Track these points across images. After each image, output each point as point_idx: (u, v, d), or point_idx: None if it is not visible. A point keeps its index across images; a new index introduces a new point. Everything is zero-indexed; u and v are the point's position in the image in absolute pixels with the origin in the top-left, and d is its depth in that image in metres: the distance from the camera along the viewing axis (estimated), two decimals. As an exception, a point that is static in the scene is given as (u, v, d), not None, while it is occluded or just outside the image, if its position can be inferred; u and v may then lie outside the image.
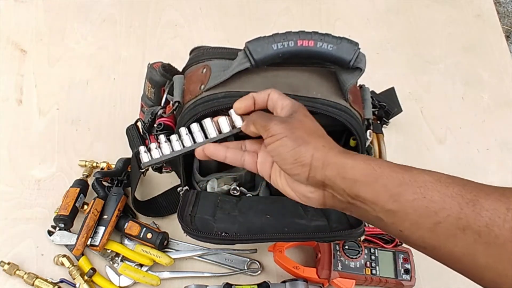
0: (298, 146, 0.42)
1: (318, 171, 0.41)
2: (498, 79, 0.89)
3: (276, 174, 0.47)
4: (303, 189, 0.44)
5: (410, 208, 0.37)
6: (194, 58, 0.58)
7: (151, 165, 0.54)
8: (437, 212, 0.36)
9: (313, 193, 0.43)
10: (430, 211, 0.36)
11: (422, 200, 0.37)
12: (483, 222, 0.34)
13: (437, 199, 0.36)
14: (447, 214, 0.36)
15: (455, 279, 0.69)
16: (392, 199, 0.38)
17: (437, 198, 0.36)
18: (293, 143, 0.42)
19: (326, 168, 0.41)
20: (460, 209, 0.35)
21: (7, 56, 0.85)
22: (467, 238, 0.35)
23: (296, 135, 0.42)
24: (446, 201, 0.36)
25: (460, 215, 0.35)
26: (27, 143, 0.76)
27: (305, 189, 0.44)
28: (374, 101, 0.69)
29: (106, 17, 0.90)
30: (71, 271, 0.64)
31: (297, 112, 0.45)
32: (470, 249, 0.35)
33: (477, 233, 0.34)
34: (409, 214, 0.37)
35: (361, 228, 0.56)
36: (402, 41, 0.92)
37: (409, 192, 0.38)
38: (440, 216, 0.36)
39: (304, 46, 0.48)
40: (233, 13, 0.93)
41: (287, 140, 0.42)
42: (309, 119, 0.46)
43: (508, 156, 0.81)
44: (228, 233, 0.56)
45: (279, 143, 0.42)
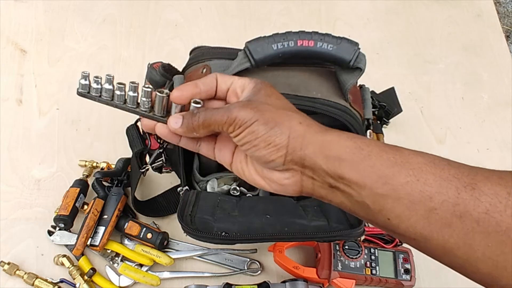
0: (271, 128, 0.36)
1: (297, 152, 0.36)
2: (498, 79, 0.89)
3: (240, 162, 0.42)
4: (277, 176, 0.39)
5: (402, 191, 0.33)
6: (194, 58, 0.58)
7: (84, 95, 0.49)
8: (432, 197, 0.33)
9: (289, 179, 0.38)
10: (424, 195, 0.33)
11: (416, 183, 0.33)
12: (483, 208, 0.31)
13: (432, 182, 0.33)
14: (443, 200, 0.32)
15: (455, 279, 0.69)
16: (381, 181, 0.34)
17: (432, 181, 0.33)
18: (265, 127, 0.36)
19: (306, 147, 0.36)
20: (458, 194, 0.32)
21: (7, 56, 0.85)
22: (464, 227, 0.32)
23: (266, 117, 0.37)
24: (442, 184, 0.33)
25: (457, 201, 0.32)
26: (27, 143, 0.76)
27: (279, 176, 0.39)
28: (374, 101, 0.69)
29: (106, 17, 0.90)
30: (71, 271, 0.64)
31: (260, 90, 0.40)
32: (467, 239, 0.32)
33: (475, 220, 0.31)
34: (401, 199, 0.33)
35: (361, 228, 0.56)
36: (402, 41, 0.92)
37: (402, 174, 0.34)
38: (435, 202, 0.32)
39: (304, 46, 0.48)
40: (233, 13, 0.93)
41: (257, 124, 0.37)
42: (275, 96, 0.40)
43: (508, 156, 0.81)
44: (228, 233, 0.56)
45: (249, 130, 0.37)
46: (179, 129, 0.41)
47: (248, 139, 0.37)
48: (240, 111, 0.37)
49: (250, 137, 0.37)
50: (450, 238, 0.33)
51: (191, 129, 0.40)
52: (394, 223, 0.35)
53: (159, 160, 0.64)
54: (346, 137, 0.37)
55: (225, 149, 0.43)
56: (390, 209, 0.34)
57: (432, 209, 0.33)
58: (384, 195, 0.34)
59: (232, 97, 0.42)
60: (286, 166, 0.38)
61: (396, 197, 0.34)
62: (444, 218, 0.32)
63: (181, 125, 0.40)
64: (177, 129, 0.41)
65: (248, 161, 0.41)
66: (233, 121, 0.37)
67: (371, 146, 0.36)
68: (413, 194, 0.33)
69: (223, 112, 0.38)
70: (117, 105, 0.45)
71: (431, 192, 0.33)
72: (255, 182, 0.41)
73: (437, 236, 0.33)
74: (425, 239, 0.34)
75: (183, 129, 0.41)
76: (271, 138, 0.36)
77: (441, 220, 0.32)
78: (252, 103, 0.38)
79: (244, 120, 0.37)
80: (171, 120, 0.42)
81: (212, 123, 0.39)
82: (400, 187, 0.33)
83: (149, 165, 0.65)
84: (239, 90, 0.41)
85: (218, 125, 0.38)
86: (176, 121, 0.41)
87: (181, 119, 0.41)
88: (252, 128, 0.37)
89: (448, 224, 0.32)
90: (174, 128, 0.41)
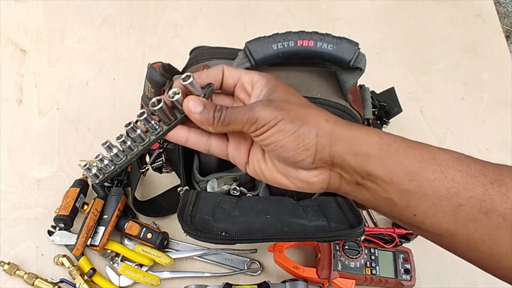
0: (299, 127, 0.35)
1: (326, 150, 0.36)
2: (498, 79, 0.89)
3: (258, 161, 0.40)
4: (304, 174, 0.38)
5: (429, 188, 0.33)
6: (194, 58, 0.58)
7: (104, 180, 0.47)
8: (459, 194, 0.33)
9: (317, 177, 0.38)
10: (451, 192, 0.33)
11: (443, 180, 0.33)
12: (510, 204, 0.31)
13: (459, 179, 0.33)
14: (470, 196, 0.32)
15: (455, 279, 0.69)
16: (408, 178, 0.34)
17: (459, 177, 0.33)
18: (292, 126, 0.35)
19: (335, 144, 0.35)
20: (484, 190, 0.32)
21: (7, 56, 0.85)
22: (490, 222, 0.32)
23: (292, 115, 0.36)
24: (469, 181, 0.33)
25: (484, 197, 0.32)
26: (27, 143, 0.76)
27: (306, 174, 0.38)
28: (374, 101, 0.69)
29: (106, 17, 0.90)
30: (71, 271, 0.64)
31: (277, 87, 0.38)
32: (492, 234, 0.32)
33: (502, 216, 0.31)
34: (428, 196, 0.33)
35: (361, 228, 0.56)
36: (402, 41, 0.92)
37: (429, 170, 0.34)
38: (462, 198, 0.33)
39: (304, 46, 0.48)
40: (233, 13, 0.93)
41: (283, 123, 0.35)
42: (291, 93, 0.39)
43: (508, 156, 0.81)
44: (228, 233, 0.56)
45: (275, 130, 0.35)
46: (195, 115, 0.38)
47: (274, 139, 0.36)
48: (263, 111, 0.36)
49: (276, 136, 0.36)
50: (475, 233, 0.33)
51: (209, 123, 0.38)
52: (419, 219, 0.35)
53: (159, 160, 0.64)
54: (373, 133, 0.36)
55: (240, 148, 0.41)
56: (417, 205, 0.34)
57: (459, 205, 0.33)
58: (411, 191, 0.34)
59: (240, 92, 0.40)
60: (315, 164, 0.37)
61: (423, 194, 0.34)
62: (470, 214, 0.33)
63: (200, 112, 0.38)
64: (193, 114, 0.38)
65: (268, 160, 0.40)
66: (255, 120, 0.36)
67: (397, 142, 0.36)
68: (440, 190, 0.33)
69: (244, 111, 0.36)
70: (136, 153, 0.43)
71: (458, 189, 0.33)
72: (277, 181, 0.40)
73: (463, 231, 0.33)
74: (450, 235, 0.34)
75: (201, 118, 0.38)
76: (300, 137, 0.35)
77: (468, 216, 0.33)
78: (273, 102, 0.37)
79: (268, 120, 0.35)
80: (191, 101, 0.38)
81: (232, 122, 0.37)
82: (428, 183, 0.34)
83: (149, 165, 0.65)
84: (248, 86, 0.39)
85: (239, 124, 0.37)
86: (195, 105, 0.38)
87: (201, 106, 0.38)
88: (278, 127, 0.35)
89: (474, 220, 0.32)
90: (191, 110, 0.38)
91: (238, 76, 0.40)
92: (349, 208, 0.59)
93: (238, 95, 0.40)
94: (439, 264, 0.70)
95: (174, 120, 0.40)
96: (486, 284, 0.68)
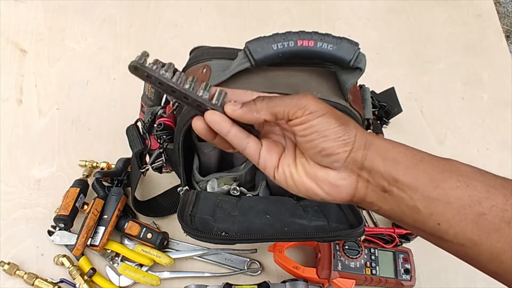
0: (341, 124, 0.38)
1: (360, 151, 0.38)
2: (498, 79, 0.89)
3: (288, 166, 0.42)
4: (332, 176, 0.39)
5: (452, 195, 0.35)
6: (194, 58, 0.58)
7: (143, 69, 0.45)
8: (481, 202, 0.34)
9: (345, 180, 0.39)
10: (473, 200, 0.34)
11: (466, 189, 0.35)
12: None
13: (481, 188, 0.34)
14: (492, 205, 0.34)
15: (455, 279, 0.69)
16: (433, 185, 0.36)
17: (481, 187, 0.34)
18: (336, 121, 0.38)
19: (368, 147, 0.38)
20: (506, 200, 0.33)
21: (7, 56, 0.85)
22: None
23: (337, 114, 0.39)
24: (490, 191, 0.34)
25: (505, 207, 0.33)
26: (27, 143, 0.76)
27: (334, 175, 0.39)
28: (374, 101, 0.69)
29: (106, 17, 0.90)
30: (71, 271, 0.64)
31: None
32: None
33: None
34: (451, 203, 0.35)
35: (361, 228, 0.56)
36: (402, 41, 0.92)
37: (453, 179, 0.35)
38: (484, 207, 0.34)
39: (304, 46, 0.48)
40: (233, 13, 0.93)
41: (329, 116, 0.38)
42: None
43: (508, 156, 0.81)
44: (228, 233, 0.56)
45: (322, 120, 0.37)
46: (238, 110, 0.39)
47: (319, 128, 0.38)
48: (312, 100, 0.38)
49: (321, 126, 0.38)
50: (497, 243, 0.34)
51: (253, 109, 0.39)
52: (443, 228, 0.36)
53: (159, 160, 0.64)
54: (400, 144, 0.39)
55: (272, 152, 0.42)
56: (441, 213, 0.35)
57: (481, 214, 0.34)
58: (435, 198, 0.35)
59: None
60: (346, 163, 0.38)
61: (447, 201, 0.35)
62: (493, 223, 0.34)
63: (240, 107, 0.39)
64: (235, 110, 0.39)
65: (298, 164, 0.41)
66: (303, 106, 0.38)
67: (422, 154, 0.38)
68: (463, 198, 0.35)
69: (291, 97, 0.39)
70: (176, 86, 0.41)
71: (480, 197, 0.34)
72: (305, 186, 0.41)
73: (486, 241, 0.34)
74: (473, 245, 0.35)
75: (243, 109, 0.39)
76: (341, 132, 0.38)
77: (490, 225, 0.34)
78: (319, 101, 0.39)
79: (316, 109, 0.38)
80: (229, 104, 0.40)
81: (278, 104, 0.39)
82: (451, 191, 0.35)
83: (149, 165, 0.65)
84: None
85: (286, 106, 0.38)
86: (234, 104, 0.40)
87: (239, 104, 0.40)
88: (324, 118, 0.38)
89: (496, 230, 0.34)
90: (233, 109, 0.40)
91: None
92: (349, 208, 0.59)
93: None
94: (439, 264, 0.70)
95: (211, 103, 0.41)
96: (486, 284, 0.68)
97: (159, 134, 0.61)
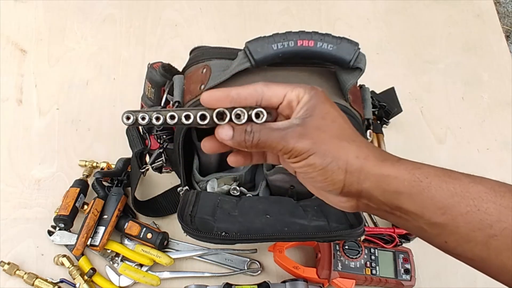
0: (328, 164, 0.36)
1: (354, 186, 0.36)
2: (498, 79, 0.89)
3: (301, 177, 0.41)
4: (333, 198, 0.39)
5: (462, 221, 0.34)
6: (194, 58, 0.58)
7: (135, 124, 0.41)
8: (492, 225, 0.33)
9: (345, 203, 0.39)
10: (484, 224, 0.33)
11: (476, 213, 0.34)
12: None
13: (493, 211, 0.33)
14: (504, 227, 0.33)
15: (455, 279, 0.69)
16: (440, 212, 0.35)
17: (493, 210, 0.33)
18: (322, 161, 0.36)
19: (363, 181, 0.36)
20: None
21: (7, 56, 0.85)
22: None
23: (323, 149, 0.36)
24: (502, 212, 0.33)
25: None
26: (27, 143, 0.76)
27: (335, 198, 0.39)
28: (374, 101, 0.69)
29: (106, 17, 0.90)
30: (71, 271, 0.64)
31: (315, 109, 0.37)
32: None
33: None
34: (460, 228, 0.34)
35: (361, 228, 0.56)
36: (402, 41, 0.92)
37: (462, 204, 0.34)
38: (495, 229, 0.33)
39: (304, 46, 0.48)
40: (233, 13, 0.93)
41: (314, 158, 0.36)
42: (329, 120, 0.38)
43: (508, 156, 0.81)
44: (228, 233, 0.56)
45: (305, 163, 0.36)
46: (228, 141, 0.38)
47: (305, 170, 0.37)
48: (298, 142, 0.36)
49: (306, 168, 0.37)
50: (508, 261, 0.33)
51: (242, 146, 0.38)
52: (451, 246, 0.35)
53: (159, 160, 0.64)
54: (404, 170, 0.36)
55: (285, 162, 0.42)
56: (448, 235, 0.35)
57: (492, 236, 0.33)
58: (442, 223, 0.35)
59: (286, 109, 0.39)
60: (343, 194, 0.38)
61: (455, 226, 0.34)
62: (504, 244, 0.33)
63: (231, 138, 0.37)
64: (226, 141, 0.38)
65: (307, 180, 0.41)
66: (289, 150, 0.36)
67: (430, 177, 0.35)
68: (472, 222, 0.34)
69: (279, 139, 0.36)
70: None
71: (492, 221, 0.33)
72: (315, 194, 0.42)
73: (496, 258, 0.34)
74: (482, 261, 0.35)
75: (234, 143, 0.38)
76: (328, 173, 0.36)
77: (501, 245, 0.33)
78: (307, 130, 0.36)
79: (301, 152, 0.36)
80: (220, 130, 0.38)
81: (266, 147, 0.37)
82: (460, 217, 0.34)
83: (149, 165, 0.65)
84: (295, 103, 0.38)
85: (273, 149, 0.37)
86: (226, 133, 0.38)
87: (231, 131, 0.37)
88: (309, 160, 0.36)
89: (508, 249, 0.33)
90: (223, 139, 0.38)
91: (283, 94, 0.38)
92: (349, 208, 0.59)
93: (283, 111, 0.39)
94: (439, 264, 0.70)
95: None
96: (486, 284, 0.68)
97: (159, 134, 0.61)
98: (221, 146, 0.41)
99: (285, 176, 0.61)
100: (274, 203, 0.62)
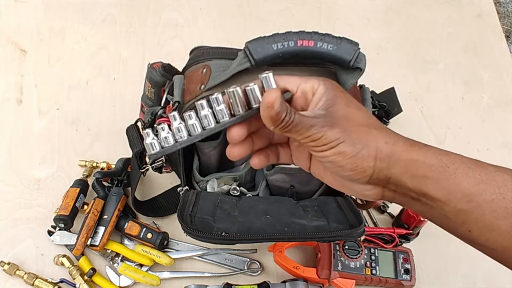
0: (358, 151, 0.36)
1: (383, 172, 0.36)
2: (498, 79, 0.89)
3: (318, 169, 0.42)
4: (358, 187, 0.39)
5: (487, 209, 0.34)
6: (194, 58, 0.58)
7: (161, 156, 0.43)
8: None
9: (371, 191, 0.39)
10: (509, 212, 0.33)
11: (502, 201, 0.34)
12: None
13: None
14: None
15: (455, 279, 0.69)
16: (466, 199, 0.34)
17: None
18: (352, 149, 0.36)
19: (393, 167, 0.36)
20: None
21: (7, 56, 0.85)
22: None
23: (353, 138, 0.36)
24: None
25: None
26: (27, 143, 0.76)
27: (360, 187, 0.39)
28: (374, 101, 0.69)
29: (106, 17, 0.91)
30: (71, 271, 0.64)
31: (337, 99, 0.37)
32: None
33: None
34: (485, 216, 0.34)
35: (361, 228, 0.56)
36: (402, 41, 0.92)
37: (488, 192, 0.34)
38: None
39: (304, 46, 0.48)
40: (233, 13, 0.93)
41: (344, 146, 0.36)
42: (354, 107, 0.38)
43: (508, 156, 0.81)
44: (228, 233, 0.56)
45: (335, 151, 0.36)
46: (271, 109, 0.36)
47: (334, 159, 0.37)
48: (328, 131, 0.36)
49: (335, 157, 0.36)
50: None
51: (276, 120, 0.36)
52: (475, 234, 0.35)
53: (159, 160, 0.64)
54: (432, 155, 0.36)
55: (301, 156, 0.42)
56: (473, 223, 0.35)
57: None
58: (468, 211, 0.35)
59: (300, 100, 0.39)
60: (370, 182, 0.38)
61: (481, 214, 0.34)
62: None
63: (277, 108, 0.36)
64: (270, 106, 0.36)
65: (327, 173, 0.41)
66: (318, 138, 0.36)
67: (456, 163, 0.36)
68: (498, 211, 0.34)
69: (309, 126, 0.36)
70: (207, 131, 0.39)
71: None
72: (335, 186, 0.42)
73: None
74: (505, 250, 0.35)
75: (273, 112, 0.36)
76: (358, 161, 0.36)
77: None
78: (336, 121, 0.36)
79: (331, 140, 0.36)
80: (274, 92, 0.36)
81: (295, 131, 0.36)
82: (485, 204, 0.34)
83: (149, 165, 0.65)
84: (310, 94, 0.38)
85: (300, 135, 0.37)
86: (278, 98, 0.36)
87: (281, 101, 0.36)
88: (338, 149, 0.36)
89: None
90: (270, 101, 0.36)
91: (297, 85, 0.39)
92: (349, 208, 0.59)
93: (297, 103, 0.39)
94: (439, 264, 0.70)
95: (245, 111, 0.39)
96: (486, 284, 0.68)
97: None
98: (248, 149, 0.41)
99: (285, 176, 0.61)
100: (274, 203, 0.62)
